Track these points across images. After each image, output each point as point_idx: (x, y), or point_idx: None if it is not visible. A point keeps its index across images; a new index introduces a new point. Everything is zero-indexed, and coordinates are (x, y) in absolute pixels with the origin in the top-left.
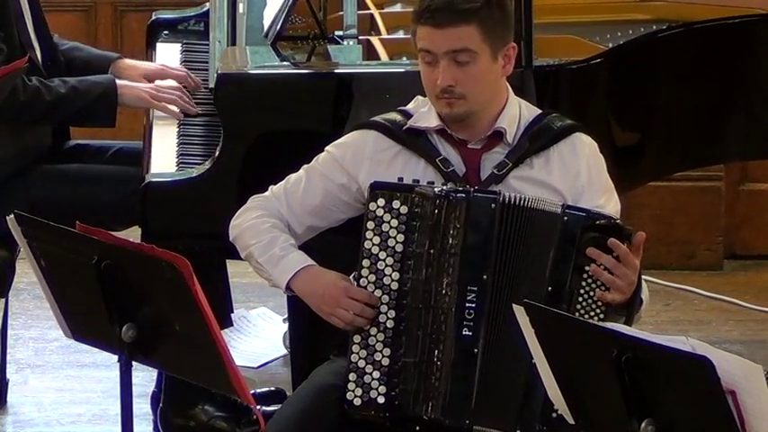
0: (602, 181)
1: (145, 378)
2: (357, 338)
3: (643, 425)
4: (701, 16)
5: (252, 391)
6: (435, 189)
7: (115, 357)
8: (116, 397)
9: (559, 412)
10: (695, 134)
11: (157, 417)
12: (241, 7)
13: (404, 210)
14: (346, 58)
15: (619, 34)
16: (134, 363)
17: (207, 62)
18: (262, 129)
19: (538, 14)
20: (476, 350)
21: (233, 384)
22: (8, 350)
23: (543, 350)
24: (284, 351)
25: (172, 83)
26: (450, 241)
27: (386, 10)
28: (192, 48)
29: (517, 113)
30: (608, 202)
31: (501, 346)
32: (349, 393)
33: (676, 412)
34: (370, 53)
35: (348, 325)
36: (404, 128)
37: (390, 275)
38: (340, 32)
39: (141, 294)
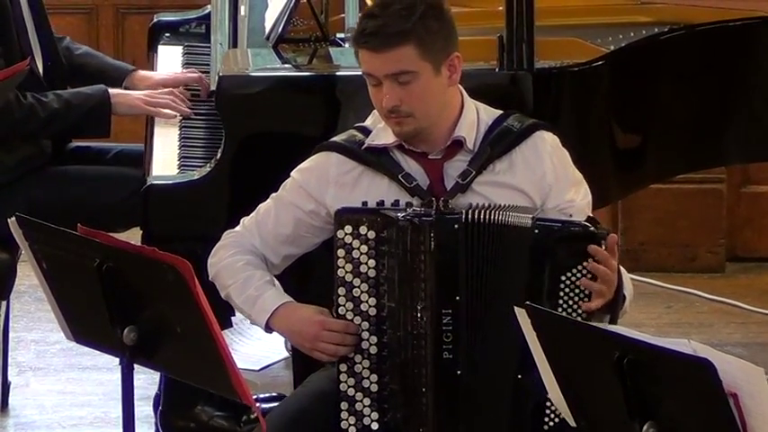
0: (568, 175)
1: (146, 381)
2: (343, 367)
3: (645, 427)
4: (703, 19)
5: (253, 395)
6: (399, 214)
7: (116, 360)
8: (117, 399)
9: (551, 424)
10: (697, 136)
11: (157, 419)
12: (242, 10)
13: (371, 235)
14: (348, 61)
15: (620, 37)
16: (135, 365)
17: (208, 65)
18: (263, 131)
19: (539, 17)
20: (458, 372)
21: (234, 387)
22: (10, 353)
23: (545, 353)
24: (286, 354)
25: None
26: (420, 266)
27: None
28: (193, 50)
29: (475, 118)
30: (577, 195)
31: (483, 364)
32: (343, 422)
33: (678, 415)
34: None
35: (332, 357)
36: (363, 147)
37: (367, 301)
38: (342, 35)
39: (143, 297)
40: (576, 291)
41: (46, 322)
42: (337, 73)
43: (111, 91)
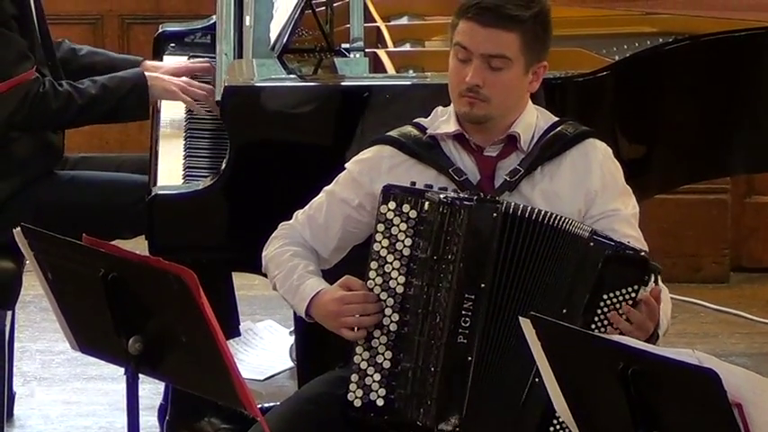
0: (617, 185)
1: (151, 390)
2: (361, 340)
3: None
4: (707, 29)
5: (259, 405)
6: (441, 195)
7: (122, 370)
8: (122, 410)
9: (558, 428)
10: (701, 147)
11: (164, 429)
12: (248, 20)
13: (413, 214)
14: (353, 71)
15: (625, 47)
16: (140, 375)
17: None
18: (268, 141)
19: None
20: (469, 358)
21: (239, 397)
22: (15, 363)
23: (549, 362)
24: (291, 364)
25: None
26: (451, 247)
27: (392, 23)
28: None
29: (534, 122)
30: (624, 206)
31: (497, 356)
32: (350, 394)
33: (682, 425)
34: (376, 66)
35: (358, 328)
36: (422, 138)
37: (396, 279)
38: (347, 45)
39: (148, 307)
40: (612, 317)
41: (51, 332)
42: (342, 83)
43: (148, 74)
